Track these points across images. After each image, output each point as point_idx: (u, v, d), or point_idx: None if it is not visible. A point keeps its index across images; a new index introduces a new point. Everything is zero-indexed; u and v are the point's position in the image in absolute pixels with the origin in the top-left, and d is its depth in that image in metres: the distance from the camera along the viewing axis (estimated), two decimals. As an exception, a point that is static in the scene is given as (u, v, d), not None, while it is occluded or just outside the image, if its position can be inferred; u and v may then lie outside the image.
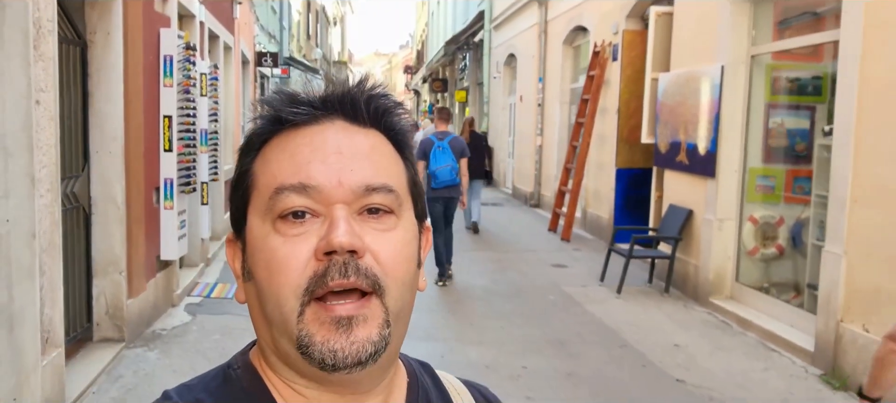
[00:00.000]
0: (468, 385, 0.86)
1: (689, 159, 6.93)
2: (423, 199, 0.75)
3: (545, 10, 13.12)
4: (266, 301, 0.65)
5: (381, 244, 0.65)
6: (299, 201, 0.64)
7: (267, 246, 0.65)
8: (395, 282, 0.65)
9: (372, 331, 0.63)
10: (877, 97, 4.44)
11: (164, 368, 4.63)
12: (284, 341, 0.65)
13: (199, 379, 0.71)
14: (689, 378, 4.73)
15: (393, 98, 0.72)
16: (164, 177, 5.56)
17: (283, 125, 0.68)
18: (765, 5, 6.23)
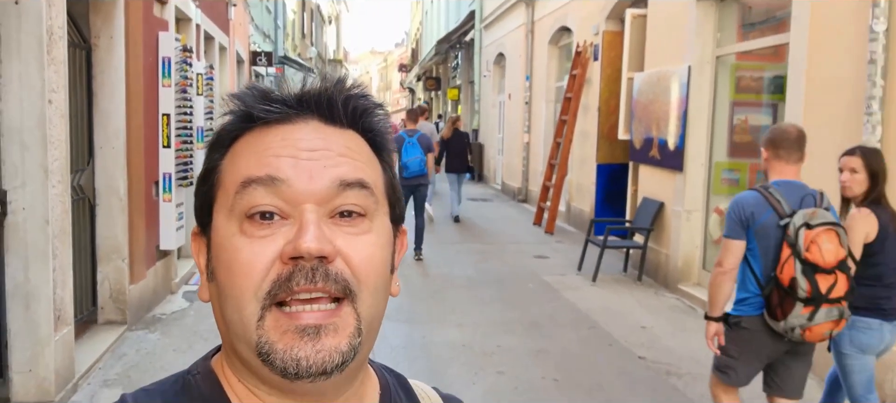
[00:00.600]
0: (444, 397, 0.83)
1: (660, 154, 7.32)
2: (400, 203, 0.72)
3: (532, 10, 13.49)
4: (225, 303, 0.63)
5: (354, 248, 0.62)
6: (267, 199, 0.62)
7: (230, 246, 0.62)
8: (367, 288, 0.63)
9: (341, 341, 0.61)
10: (820, 94, 4.83)
11: (164, 348, 5.00)
12: (243, 347, 0.62)
13: (158, 385, 0.68)
14: (649, 356, 5.12)
15: (372, 99, 0.70)
16: (162, 171, 5.92)
17: (254, 122, 0.66)
18: (729, 9, 6.61)
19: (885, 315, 3.11)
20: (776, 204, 2.94)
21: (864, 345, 3.13)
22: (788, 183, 3.01)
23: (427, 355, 5.10)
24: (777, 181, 3.03)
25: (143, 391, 0.68)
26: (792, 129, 3.10)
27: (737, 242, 2.99)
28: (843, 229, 2.88)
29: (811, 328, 2.82)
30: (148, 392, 0.67)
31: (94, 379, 4.33)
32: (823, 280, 2.78)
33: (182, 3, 6.73)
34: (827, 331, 2.86)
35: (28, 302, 3.70)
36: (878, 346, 3.14)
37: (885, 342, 3.15)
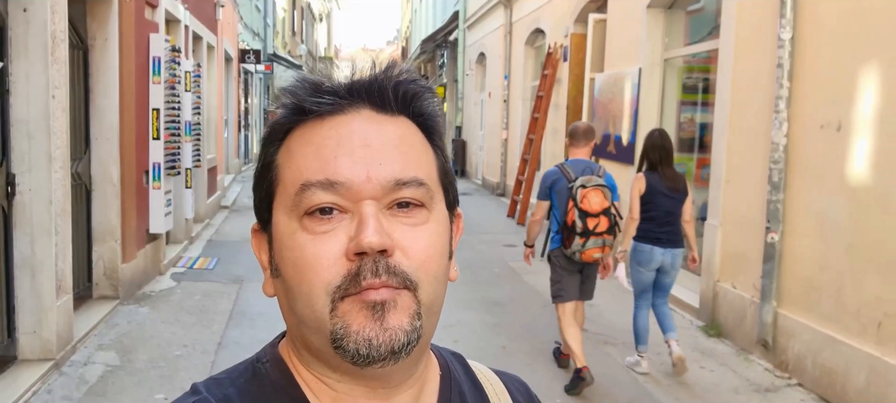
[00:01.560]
0: (502, 375, 0.84)
1: (615, 149, 7.90)
2: (454, 187, 0.73)
3: (510, 12, 14.05)
4: (296, 299, 0.64)
5: (412, 240, 0.63)
6: (326, 197, 0.62)
7: (295, 244, 0.63)
8: (426, 277, 0.64)
9: (403, 319, 0.62)
10: (742, 94, 5.41)
11: (153, 320, 5.54)
12: (316, 337, 0.64)
13: (228, 373, 0.69)
14: (592, 328, 5.69)
15: (422, 82, 0.70)
16: (152, 161, 6.45)
17: (306, 115, 0.66)
18: (676, 16, 7.19)
19: (656, 242, 4.60)
20: (567, 173, 4.44)
21: (642, 261, 4.67)
22: (577, 160, 4.56)
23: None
24: (570, 159, 4.62)
25: (213, 380, 0.68)
26: (582, 125, 4.73)
27: (544, 202, 4.53)
28: (607, 188, 4.40)
29: (584, 252, 4.32)
30: (218, 381, 0.68)
31: (90, 343, 4.86)
32: (591, 221, 4.29)
33: (171, 5, 7.25)
34: (595, 254, 4.37)
35: (33, 273, 4.23)
36: (650, 263, 4.65)
37: (655, 260, 4.64)
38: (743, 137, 5.39)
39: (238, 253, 8.19)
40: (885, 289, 3.93)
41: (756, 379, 4.70)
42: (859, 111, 4.17)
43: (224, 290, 6.51)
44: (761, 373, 4.79)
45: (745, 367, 4.92)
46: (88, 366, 4.48)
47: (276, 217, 0.66)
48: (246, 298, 6.25)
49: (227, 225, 10.22)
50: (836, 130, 4.35)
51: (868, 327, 4.05)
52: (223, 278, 6.96)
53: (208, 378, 0.69)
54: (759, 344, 4.99)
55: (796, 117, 4.74)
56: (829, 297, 4.40)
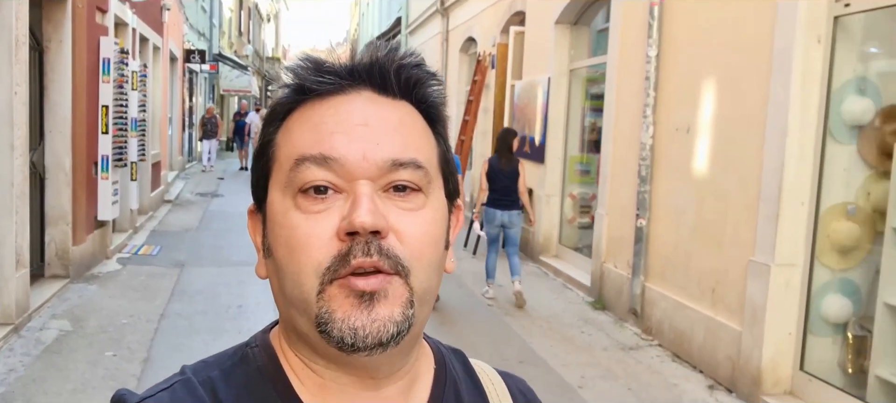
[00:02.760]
0: (504, 375, 0.82)
1: (530, 149, 8.77)
2: (455, 177, 0.71)
3: (447, 21, 14.88)
4: (285, 279, 0.63)
5: (407, 224, 0.61)
6: (321, 174, 0.61)
7: (287, 223, 0.62)
8: (419, 264, 0.62)
9: (394, 310, 0.60)
10: (623, 102, 6.31)
11: (101, 295, 6.13)
12: (303, 320, 0.62)
13: (217, 357, 0.69)
14: (495, 304, 6.52)
15: (426, 68, 0.68)
16: (101, 153, 7.02)
17: (307, 95, 0.65)
18: (581, 31, 8.10)
19: (497, 206, 6.49)
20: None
21: (489, 220, 6.54)
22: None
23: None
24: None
25: (201, 362, 0.68)
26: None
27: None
28: None
29: None
30: (206, 363, 0.68)
31: (44, 313, 5.45)
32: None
33: (120, 10, 7.81)
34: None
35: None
36: (494, 221, 6.52)
37: (498, 219, 6.48)
38: (623, 139, 6.29)
39: (180, 242, 8.77)
40: (717, 262, 4.85)
41: (625, 341, 5.58)
42: (702, 116, 5.10)
43: (166, 272, 7.11)
44: (630, 336, 5.69)
45: (619, 332, 5.81)
46: (44, 331, 5.08)
47: (271, 195, 0.65)
48: (187, 279, 6.87)
49: (170, 217, 10.73)
50: (686, 132, 5.28)
51: (706, 293, 4.97)
52: (166, 263, 7.56)
53: (197, 361, 0.68)
54: (631, 313, 5.89)
55: (660, 121, 5.66)
56: (679, 271, 5.32)
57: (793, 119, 4.16)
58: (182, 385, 0.65)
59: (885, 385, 3.85)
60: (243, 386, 0.65)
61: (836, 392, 4.06)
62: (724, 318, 4.73)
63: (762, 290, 4.31)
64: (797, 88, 4.14)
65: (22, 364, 4.47)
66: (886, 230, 3.87)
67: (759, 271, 4.34)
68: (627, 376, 4.84)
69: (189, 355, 4.73)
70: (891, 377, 3.84)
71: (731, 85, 4.78)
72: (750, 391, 4.38)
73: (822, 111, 4.15)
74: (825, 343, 4.29)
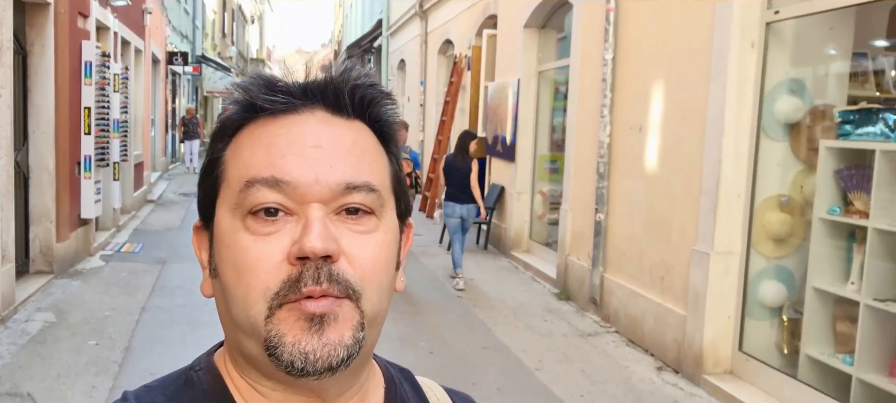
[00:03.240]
0: (451, 394, 0.82)
1: (502, 148, 9.08)
2: (407, 196, 0.70)
3: (426, 23, 15.18)
4: (232, 302, 0.61)
5: (359, 248, 0.61)
6: (272, 197, 0.60)
7: (236, 245, 0.61)
8: (371, 287, 0.61)
9: (345, 333, 0.59)
10: (584, 103, 6.63)
11: (85, 290, 6.37)
12: (251, 343, 0.61)
13: (161, 381, 0.67)
14: (465, 295, 6.82)
15: (380, 88, 0.67)
16: (84, 153, 7.25)
17: (258, 113, 0.64)
18: (549, 35, 8.42)
19: (455, 200, 7.18)
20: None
21: (448, 213, 7.22)
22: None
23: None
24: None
25: (144, 387, 0.66)
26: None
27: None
28: (410, 161, 7.52)
29: None
30: (149, 388, 0.66)
31: (29, 306, 5.69)
32: None
33: (101, 14, 8.04)
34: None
35: (-17, 242, 5.06)
36: (453, 214, 7.20)
37: (456, 212, 7.17)
38: (584, 138, 6.61)
39: (162, 240, 9.00)
40: (665, 253, 5.17)
41: (584, 328, 5.90)
42: (652, 116, 5.42)
43: (148, 269, 7.35)
44: (590, 324, 6.01)
45: (579, 320, 6.12)
46: (29, 322, 5.32)
47: (219, 214, 0.64)
48: (167, 275, 7.12)
49: (153, 216, 10.95)
50: (639, 131, 5.60)
51: (656, 282, 5.29)
52: (147, 260, 7.80)
53: (140, 387, 0.67)
54: (591, 302, 6.21)
55: (616, 121, 5.98)
56: (634, 261, 5.64)
57: (729, 118, 4.49)
58: None
59: (815, 363, 4.18)
60: None
61: (771, 371, 4.39)
62: (671, 304, 5.05)
63: (703, 277, 4.64)
64: (733, 90, 4.47)
65: (8, 352, 4.71)
66: (814, 220, 4.21)
67: (701, 260, 4.67)
68: (582, 360, 5.15)
69: (169, 345, 5.02)
70: (819, 356, 4.17)
71: (678, 87, 5.11)
72: (693, 371, 4.71)
73: (757, 111, 4.48)
74: (762, 326, 4.62)
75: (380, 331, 0.66)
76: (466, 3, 11.72)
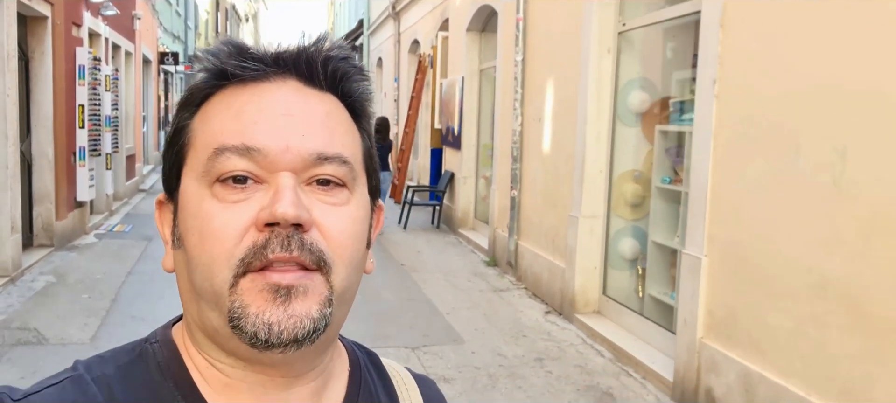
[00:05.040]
0: (417, 378, 0.82)
1: (452, 138, 10.22)
2: (377, 174, 0.69)
3: (399, 24, 16.29)
4: (195, 270, 0.59)
5: (331, 219, 0.60)
6: (241, 164, 0.58)
7: (202, 212, 0.59)
8: (342, 261, 0.60)
9: (312, 306, 0.58)
10: (505, 100, 7.75)
11: (81, 259, 7.51)
12: (214, 315, 0.59)
13: (113, 352, 0.65)
14: (408, 264, 7.96)
15: (353, 61, 0.66)
16: (79, 145, 8.38)
17: (228, 80, 0.62)
18: (488, 37, 9.55)
19: None
20: None
21: None
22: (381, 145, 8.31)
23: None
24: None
25: (97, 357, 0.64)
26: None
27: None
28: None
29: None
30: (102, 359, 0.64)
31: (34, 271, 6.84)
32: None
33: (93, 23, 9.17)
34: None
35: (-5, 215, 6.21)
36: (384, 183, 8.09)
37: (386, 181, 8.85)
38: (505, 127, 7.75)
39: (150, 223, 10.09)
40: (555, 219, 6.31)
41: (499, 286, 7.04)
42: (548, 108, 6.56)
43: (136, 244, 8.50)
44: (506, 283, 7.15)
45: (498, 280, 7.27)
46: (35, 282, 6.47)
47: (185, 183, 0.62)
48: (153, 248, 8.26)
49: (144, 203, 12.09)
50: (539, 121, 6.73)
51: (549, 243, 6.43)
52: (136, 237, 8.94)
53: (92, 356, 0.64)
54: (509, 266, 7.36)
55: (525, 113, 7.12)
56: (536, 228, 6.78)
57: (591, 109, 5.62)
58: (72, 382, 0.60)
59: (655, 302, 5.32)
60: (142, 384, 0.62)
61: (626, 309, 5.53)
62: (558, 260, 6.19)
63: (575, 236, 5.77)
64: (594, 87, 5.60)
65: (18, 301, 5.86)
66: (653, 188, 5.34)
67: (573, 222, 5.81)
68: (487, 307, 6.30)
69: (149, 298, 6.20)
70: (659, 295, 5.31)
71: (562, 84, 6.24)
72: (569, 312, 5.85)
73: (613, 103, 5.61)
74: (621, 274, 5.76)
75: (348, 311, 0.65)
76: (429, 7, 12.83)
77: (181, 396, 0.62)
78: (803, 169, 3.31)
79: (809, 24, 3.30)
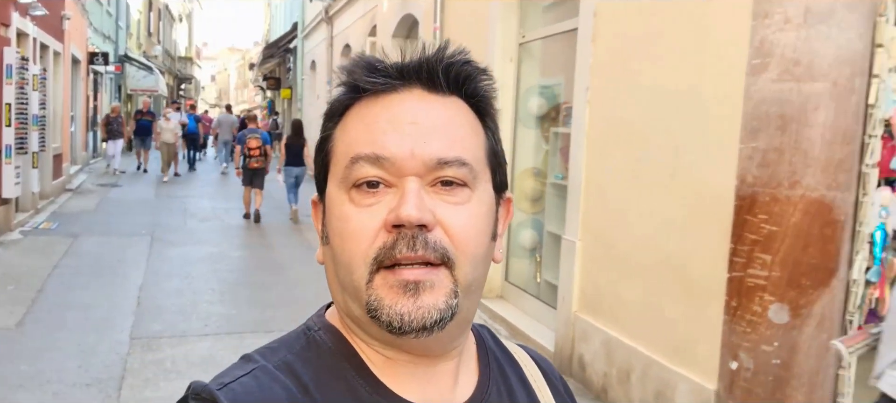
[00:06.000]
0: (532, 355, 0.89)
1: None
2: (503, 170, 0.75)
3: (331, 28, 16.65)
4: (339, 266, 0.69)
5: (453, 217, 0.66)
6: (373, 171, 0.66)
7: (342, 214, 0.68)
8: (465, 256, 0.66)
9: (438, 298, 0.65)
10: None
11: (6, 254, 7.66)
12: (355, 306, 0.68)
13: (281, 342, 0.73)
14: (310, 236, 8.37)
15: (475, 65, 0.73)
16: (5, 143, 8.48)
17: (362, 93, 0.70)
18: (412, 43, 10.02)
19: (293, 165, 10.44)
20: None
21: (286, 174, 10.51)
22: (251, 128, 10.97)
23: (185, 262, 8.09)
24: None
25: (267, 348, 0.71)
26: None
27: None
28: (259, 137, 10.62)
29: (249, 163, 10.53)
30: (272, 349, 0.71)
31: (-41, 265, 6.98)
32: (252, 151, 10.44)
33: (21, 23, 9.27)
34: (255, 165, 10.44)
35: (-80, 210, 6.34)
36: (291, 174, 10.49)
37: (293, 173, 10.46)
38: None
39: (77, 220, 10.23)
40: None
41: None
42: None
43: (63, 240, 8.64)
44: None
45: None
46: (-41, 275, 6.62)
47: (329, 187, 0.71)
48: (79, 244, 8.43)
49: (70, 202, 12.10)
50: (452, 123, 7.26)
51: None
52: (62, 234, 9.07)
53: (261, 348, 0.72)
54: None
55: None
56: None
57: (495, 111, 6.16)
58: (261, 370, 0.67)
59: (549, 285, 5.89)
60: (321, 367, 0.69)
61: (526, 294, 6.09)
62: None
63: (480, 228, 6.30)
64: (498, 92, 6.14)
65: (-57, 293, 6.03)
66: (548, 184, 5.92)
67: (480, 216, 6.34)
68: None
69: (73, 288, 6.45)
70: (552, 279, 5.88)
71: (472, 88, 6.78)
72: (475, 298, 6.38)
73: (515, 106, 6.18)
74: (522, 263, 6.33)
75: (478, 299, 0.72)
76: (360, 13, 13.27)
77: (356, 374, 0.70)
78: (650, 163, 3.92)
79: (649, 35, 3.91)
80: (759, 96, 3.05)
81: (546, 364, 0.89)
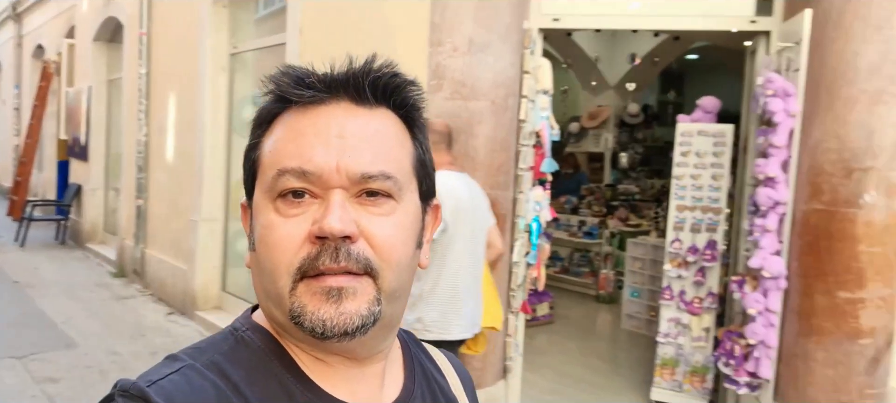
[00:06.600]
0: (445, 354, 0.94)
1: (79, 149, 9.81)
2: (430, 179, 0.77)
3: (20, 26, 14.79)
4: (263, 274, 0.70)
5: (377, 228, 0.68)
6: (298, 184, 0.68)
7: (267, 223, 0.69)
8: (388, 265, 0.69)
9: (361, 305, 0.67)
10: (129, 110, 7.85)
11: None
12: (279, 312, 0.70)
13: (207, 343, 0.72)
14: (23, 280, 7.53)
15: (403, 76, 0.73)
16: None
17: (290, 103, 0.71)
18: (116, 47, 9.43)
19: None
20: None
21: None
22: None
23: None
24: None
25: (193, 348, 0.72)
26: None
27: None
28: None
29: None
30: (199, 349, 0.71)
31: None
32: None
33: None
34: None
35: None
36: None
37: None
38: (129, 137, 7.85)
39: None
40: (179, 225, 6.66)
41: (124, 294, 7.12)
42: (172, 119, 6.90)
43: None
44: (132, 291, 7.25)
45: (124, 290, 7.33)
46: None
47: (256, 195, 0.72)
48: None
49: None
50: (164, 132, 7.03)
51: (174, 248, 6.77)
52: None
53: (187, 348, 0.71)
54: (135, 274, 7.47)
55: (151, 123, 7.34)
56: (163, 235, 7.05)
57: (208, 121, 6.15)
58: (190, 368, 0.68)
59: (268, 293, 6.02)
60: (251, 366, 0.70)
61: (245, 304, 6.12)
62: (181, 263, 6.57)
63: (195, 239, 6.23)
64: (209, 101, 6.14)
65: None
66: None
67: (194, 226, 6.26)
68: (108, 314, 6.39)
69: None
70: (270, 287, 6.02)
71: (184, 98, 6.66)
72: (191, 310, 6.27)
73: (228, 115, 6.22)
74: (240, 272, 6.38)
75: (404, 304, 0.75)
76: (54, 12, 12.03)
77: (287, 372, 0.71)
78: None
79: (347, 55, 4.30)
80: (436, 112, 3.59)
81: (457, 364, 0.94)
